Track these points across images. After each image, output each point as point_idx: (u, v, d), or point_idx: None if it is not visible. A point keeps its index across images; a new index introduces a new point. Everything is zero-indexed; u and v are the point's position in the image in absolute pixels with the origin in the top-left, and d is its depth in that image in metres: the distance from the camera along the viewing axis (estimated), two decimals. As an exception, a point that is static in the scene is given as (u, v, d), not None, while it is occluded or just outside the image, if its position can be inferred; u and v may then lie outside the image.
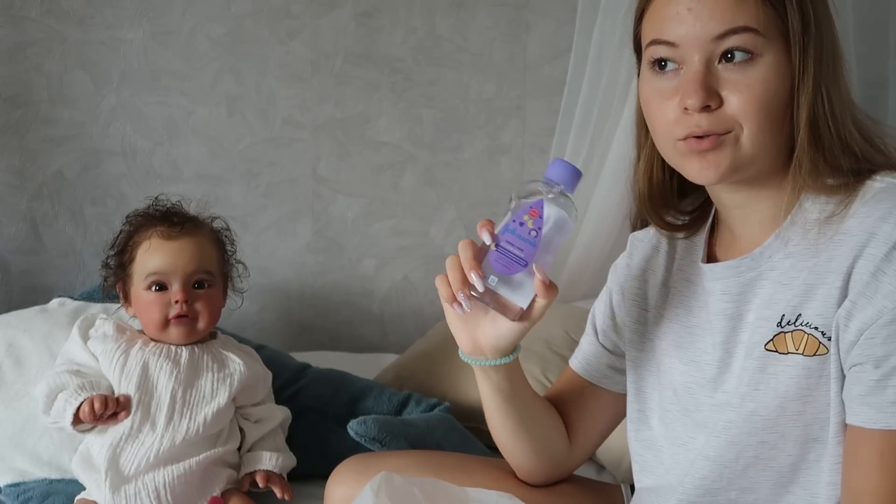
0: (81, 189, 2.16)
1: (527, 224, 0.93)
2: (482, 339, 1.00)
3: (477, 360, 1.02)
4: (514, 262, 0.92)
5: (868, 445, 0.86)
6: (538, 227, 0.93)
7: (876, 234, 0.85)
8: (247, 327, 2.15)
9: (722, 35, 0.88)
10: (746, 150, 0.89)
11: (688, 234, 1.07)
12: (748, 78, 0.88)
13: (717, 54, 0.89)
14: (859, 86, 1.90)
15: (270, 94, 2.20)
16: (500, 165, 2.28)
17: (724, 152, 0.89)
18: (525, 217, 0.93)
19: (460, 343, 1.02)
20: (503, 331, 0.98)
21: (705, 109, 0.88)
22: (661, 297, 1.08)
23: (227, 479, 1.35)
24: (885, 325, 0.84)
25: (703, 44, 0.89)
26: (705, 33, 0.88)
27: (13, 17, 2.09)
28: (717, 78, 0.89)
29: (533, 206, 0.93)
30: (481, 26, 2.23)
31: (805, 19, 0.89)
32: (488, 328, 0.99)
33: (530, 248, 0.92)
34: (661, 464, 1.05)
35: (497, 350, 1.00)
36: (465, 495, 1.06)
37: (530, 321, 0.96)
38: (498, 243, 0.93)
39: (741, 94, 0.88)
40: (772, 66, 0.88)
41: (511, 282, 0.93)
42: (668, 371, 1.05)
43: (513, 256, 0.93)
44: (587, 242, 2.07)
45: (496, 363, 1.02)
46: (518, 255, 0.92)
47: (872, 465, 0.86)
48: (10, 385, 1.51)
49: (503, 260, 0.93)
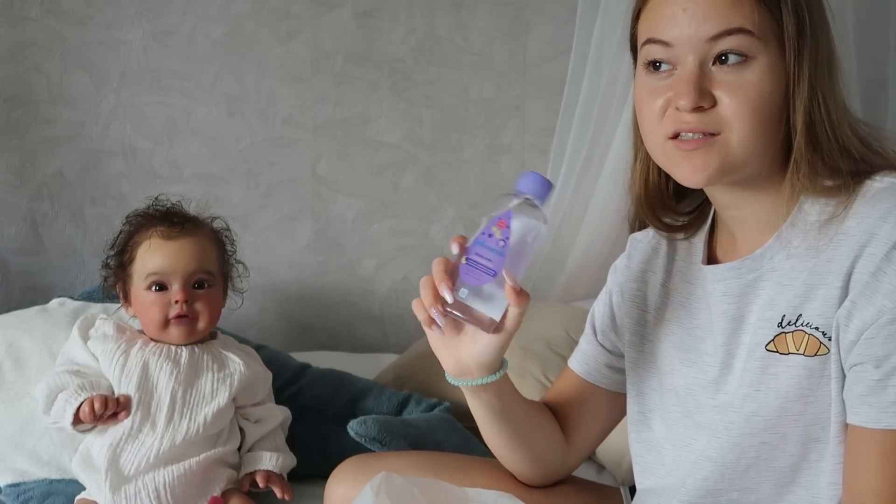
0: (81, 189, 2.16)
1: (495, 235, 0.93)
2: (465, 357, 1.00)
3: (465, 381, 1.02)
4: (483, 274, 0.93)
5: (869, 445, 0.86)
6: (506, 237, 0.93)
7: (876, 234, 0.86)
8: (247, 327, 2.15)
9: (716, 36, 0.88)
10: (736, 153, 0.89)
11: (686, 235, 1.07)
12: (741, 80, 0.88)
13: (711, 55, 0.89)
14: (859, 86, 1.90)
15: (270, 94, 2.20)
16: (500, 165, 2.28)
17: (711, 154, 0.89)
18: (493, 228, 0.93)
19: (445, 366, 1.02)
20: (484, 346, 0.98)
21: (697, 110, 0.88)
22: (660, 298, 1.08)
23: (227, 479, 1.34)
24: (885, 325, 0.84)
25: (697, 44, 0.89)
26: (700, 34, 0.88)
27: (13, 17, 2.09)
28: (710, 79, 0.89)
29: (501, 217, 0.94)
30: (481, 26, 2.23)
31: (800, 23, 0.89)
32: (469, 346, 0.99)
33: (499, 259, 0.93)
34: (663, 465, 1.05)
35: (482, 367, 1.00)
36: (465, 495, 1.06)
37: (507, 332, 0.96)
38: (468, 256, 0.93)
39: (734, 95, 0.88)
40: (766, 68, 0.88)
41: (482, 294, 0.93)
42: (670, 372, 1.05)
43: (482, 268, 0.93)
44: (587, 242, 2.07)
45: (483, 382, 1.01)
46: (487, 266, 0.93)
47: (874, 465, 0.86)
48: (10, 385, 1.51)
49: (473, 272, 0.93)
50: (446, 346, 1.00)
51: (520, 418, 1.09)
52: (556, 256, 2.15)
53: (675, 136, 0.91)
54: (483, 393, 1.04)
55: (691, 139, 0.89)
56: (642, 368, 1.09)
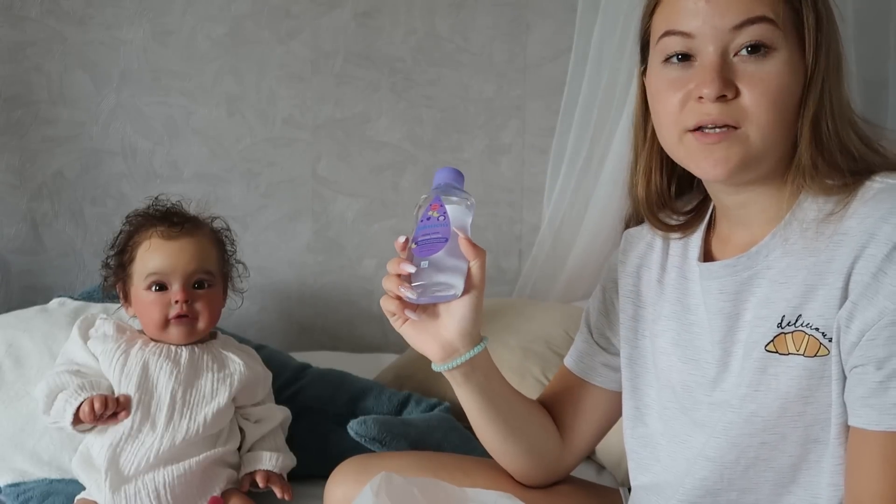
0: (81, 189, 2.16)
1: (433, 216, 1.00)
2: (447, 334, 1.02)
3: (453, 362, 1.03)
4: (435, 242, 0.99)
5: (870, 448, 0.86)
6: (443, 213, 1.00)
7: (876, 235, 0.85)
8: (247, 327, 2.15)
9: (739, 25, 0.88)
10: (756, 146, 0.89)
11: (683, 233, 1.07)
12: (763, 71, 0.88)
13: (733, 46, 0.89)
14: (859, 86, 1.90)
15: (270, 94, 2.20)
16: (500, 165, 2.28)
17: (733, 148, 0.89)
18: (429, 213, 1.00)
19: (429, 353, 1.04)
20: (462, 312, 1.00)
21: (720, 99, 0.88)
22: (655, 294, 1.08)
23: (227, 479, 1.35)
24: (886, 327, 0.84)
25: (719, 34, 0.89)
26: (723, 24, 0.88)
27: (13, 17, 2.09)
28: (732, 69, 0.89)
29: (431, 203, 1.01)
30: (481, 26, 2.23)
31: (819, 18, 0.90)
32: (447, 320, 1.02)
33: (444, 228, 0.99)
34: (658, 461, 1.06)
35: (465, 336, 1.02)
36: (465, 495, 1.06)
37: (476, 288, 0.99)
38: (415, 240, 1.00)
39: (756, 87, 0.88)
40: (787, 61, 0.89)
41: (440, 265, 0.98)
42: (666, 369, 1.05)
43: (432, 240, 0.99)
44: (587, 242, 2.07)
45: (470, 355, 1.03)
46: (436, 237, 0.99)
47: (875, 467, 0.85)
48: (10, 385, 1.51)
49: (426, 247, 0.99)
50: (426, 333, 1.03)
51: (510, 404, 1.10)
52: (556, 256, 2.15)
53: (696, 129, 0.90)
54: (472, 372, 1.05)
55: (713, 132, 0.89)
56: (637, 364, 1.09)
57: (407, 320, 1.02)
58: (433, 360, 1.04)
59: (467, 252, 0.98)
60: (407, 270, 0.98)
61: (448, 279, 0.98)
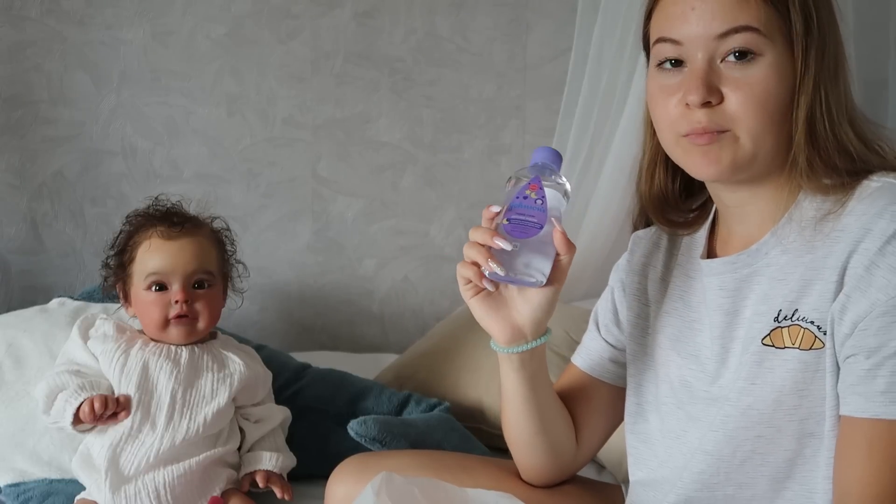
0: (81, 189, 2.16)
1: (530, 196, 0.97)
2: (518, 318, 1.01)
3: (519, 347, 1.03)
4: (530, 227, 0.96)
5: (857, 434, 0.87)
6: (541, 196, 0.97)
7: (871, 230, 0.87)
8: (247, 327, 2.15)
9: (724, 34, 0.90)
10: (747, 148, 0.91)
11: (689, 231, 1.08)
12: (748, 76, 0.90)
13: (719, 53, 0.91)
14: (859, 86, 1.90)
15: (270, 94, 2.20)
16: (500, 165, 2.28)
17: (724, 149, 0.91)
18: (527, 192, 0.97)
19: (496, 333, 1.03)
20: (538, 302, 1.00)
21: (706, 105, 0.90)
22: (660, 291, 1.09)
23: (227, 479, 1.35)
24: (878, 317, 0.85)
25: (706, 42, 0.91)
26: (708, 32, 0.90)
27: (13, 17, 2.09)
28: (719, 75, 0.91)
29: (531, 182, 0.97)
30: (481, 26, 2.23)
31: (807, 21, 0.91)
32: (521, 305, 1.01)
33: (541, 213, 0.96)
34: (655, 457, 1.06)
35: (535, 324, 1.01)
36: (465, 495, 1.06)
37: (558, 283, 0.98)
38: (508, 217, 0.96)
39: (741, 91, 0.90)
40: (773, 65, 0.90)
41: (531, 249, 0.96)
42: (666, 364, 1.06)
43: (527, 223, 0.96)
44: (587, 242, 2.07)
45: (536, 344, 1.03)
46: (532, 221, 0.96)
47: (860, 453, 0.86)
48: (10, 385, 1.51)
49: (518, 228, 0.96)
50: (497, 313, 1.01)
51: (550, 399, 1.11)
52: (555, 256, 2.14)
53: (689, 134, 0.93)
54: (529, 360, 1.04)
55: (704, 135, 0.91)
56: (641, 361, 1.10)
57: (479, 292, 1.00)
58: (497, 340, 1.03)
59: (560, 246, 0.96)
60: (502, 247, 0.95)
61: (538, 266, 0.96)
